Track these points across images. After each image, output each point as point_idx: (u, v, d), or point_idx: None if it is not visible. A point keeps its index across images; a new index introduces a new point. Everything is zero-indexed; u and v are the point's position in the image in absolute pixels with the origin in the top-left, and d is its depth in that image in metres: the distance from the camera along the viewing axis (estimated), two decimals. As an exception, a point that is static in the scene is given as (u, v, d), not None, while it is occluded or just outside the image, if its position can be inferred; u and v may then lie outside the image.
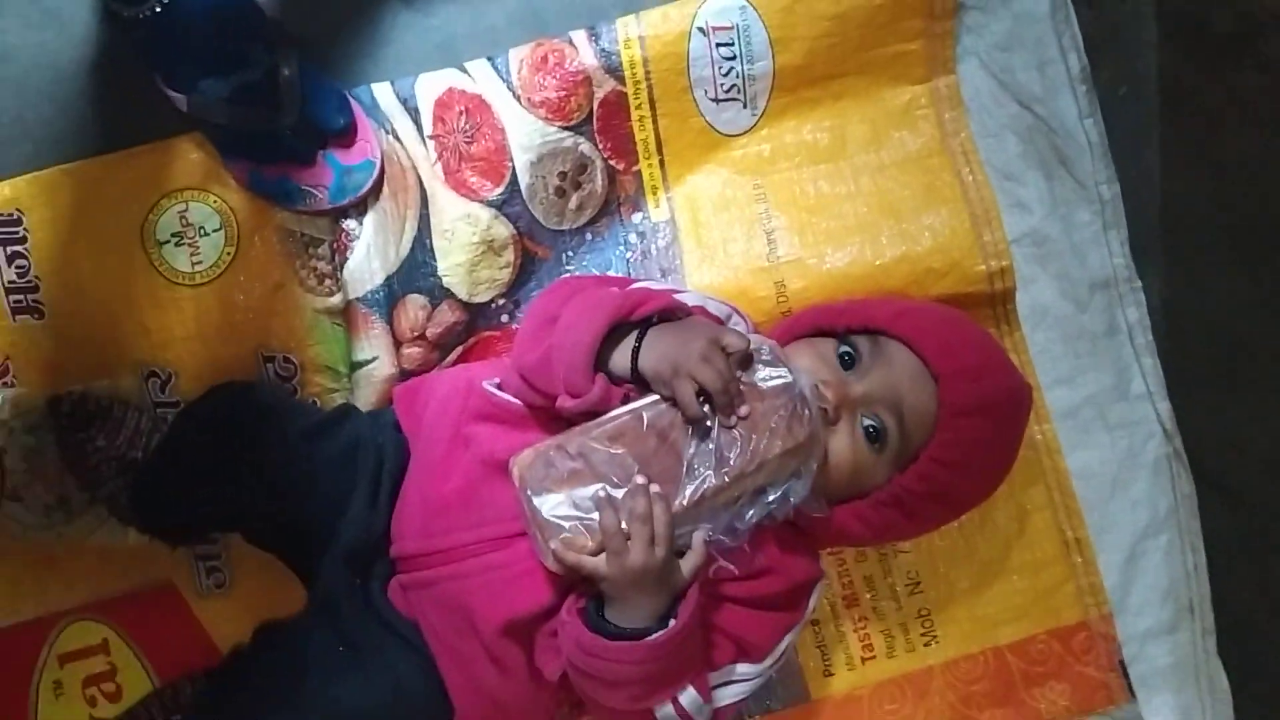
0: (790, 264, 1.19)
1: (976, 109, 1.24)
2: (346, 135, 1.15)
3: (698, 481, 0.87)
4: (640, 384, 0.94)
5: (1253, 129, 1.30)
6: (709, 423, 0.88)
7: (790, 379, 0.92)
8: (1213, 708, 1.23)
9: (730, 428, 0.89)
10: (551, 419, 0.96)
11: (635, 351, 0.92)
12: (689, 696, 0.93)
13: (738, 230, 1.20)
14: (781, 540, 0.99)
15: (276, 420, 1.05)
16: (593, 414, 0.91)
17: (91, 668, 1.15)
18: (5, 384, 1.16)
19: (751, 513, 0.90)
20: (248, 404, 1.07)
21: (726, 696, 0.99)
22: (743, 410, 0.88)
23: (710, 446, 0.88)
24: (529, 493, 0.90)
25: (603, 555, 0.87)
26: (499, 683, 0.98)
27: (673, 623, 0.88)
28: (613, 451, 0.88)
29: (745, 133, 1.21)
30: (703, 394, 0.88)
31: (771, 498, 0.90)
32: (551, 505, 0.88)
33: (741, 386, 0.90)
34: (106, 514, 1.13)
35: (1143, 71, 1.28)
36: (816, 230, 1.19)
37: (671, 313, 0.97)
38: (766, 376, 0.92)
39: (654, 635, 0.88)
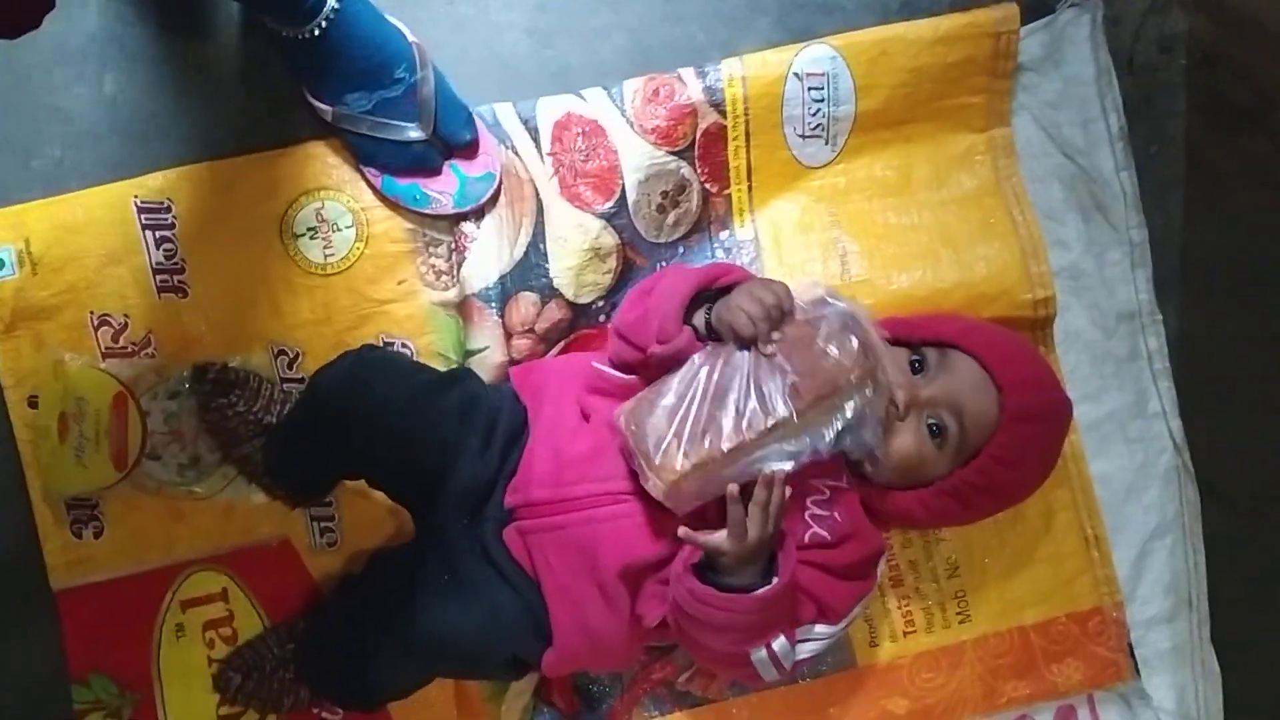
0: (861, 283, 1.16)
1: (1027, 157, 1.22)
2: (471, 148, 1.13)
3: (748, 416, 0.90)
4: (715, 339, 0.97)
5: (1262, 190, 1.26)
6: (752, 352, 0.92)
7: (843, 308, 0.94)
8: (1205, 687, 1.22)
9: (769, 356, 0.92)
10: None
11: (709, 310, 0.98)
12: (780, 643, 0.96)
13: (815, 251, 1.17)
14: (860, 514, 1.03)
15: (399, 375, 1.04)
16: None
17: (211, 613, 1.14)
18: (149, 355, 1.13)
19: (827, 435, 0.92)
20: (373, 361, 1.05)
21: (804, 651, 1.01)
22: (775, 335, 0.92)
23: (766, 380, 0.91)
24: (633, 427, 0.94)
25: (723, 533, 0.91)
26: (603, 621, 1.00)
27: (776, 580, 0.92)
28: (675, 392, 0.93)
29: (824, 165, 1.19)
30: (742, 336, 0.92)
31: (839, 425, 0.92)
32: (653, 430, 0.92)
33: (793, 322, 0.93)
34: (235, 474, 1.14)
35: (1171, 134, 1.25)
36: (885, 255, 1.17)
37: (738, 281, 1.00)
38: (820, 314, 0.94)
39: (760, 590, 0.91)
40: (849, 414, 0.93)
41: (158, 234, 1.13)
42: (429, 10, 1.17)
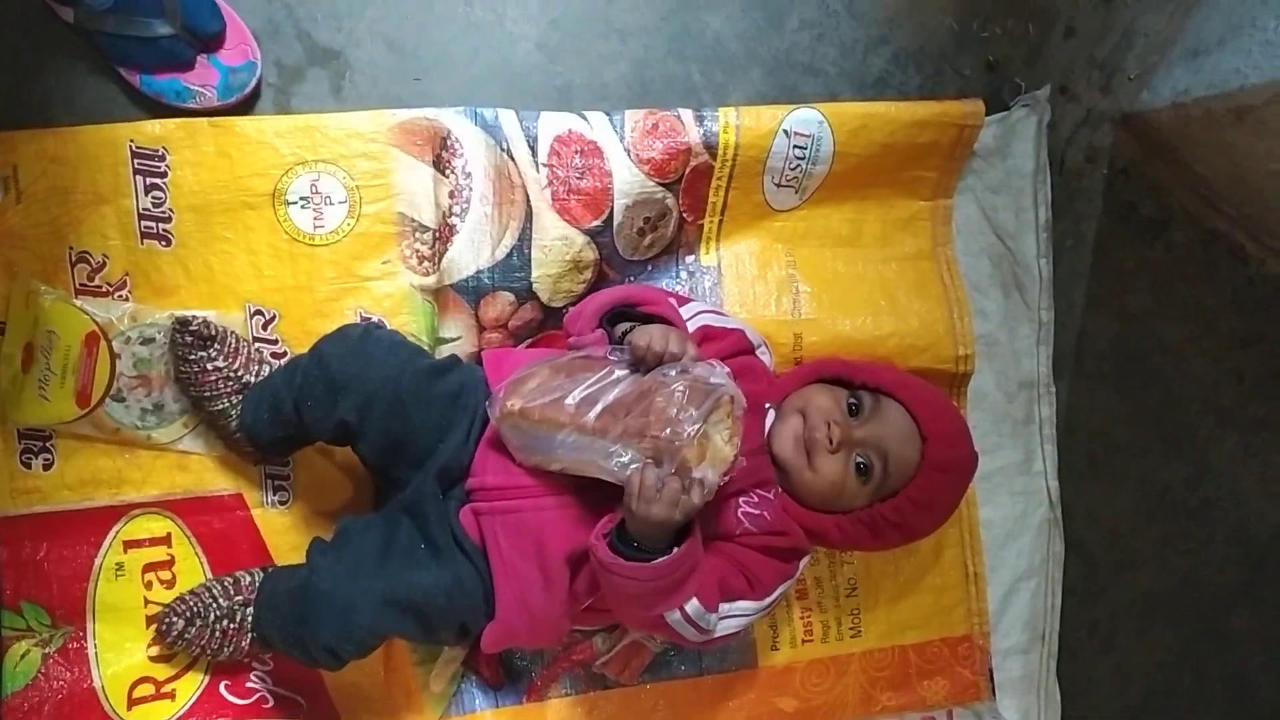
0: (808, 322, 1.22)
1: (965, 233, 1.30)
2: (221, 39, 1.11)
3: (590, 408, 0.95)
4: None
5: (1152, 293, 1.39)
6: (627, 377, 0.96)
7: (723, 393, 0.94)
8: (1047, 712, 1.33)
9: (629, 381, 0.96)
10: None
11: (629, 328, 1.04)
12: (693, 606, 1.00)
13: (771, 286, 1.23)
14: (789, 517, 1.09)
15: (404, 355, 1.05)
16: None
17: (153, 556, 1.12)
18: (123, 298, 1.10)
19: (609, 464, 0.95)
20: (381, 339, 1.06)
21: (727, 626, 1.05)
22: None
23: (608, 395, 0.95)
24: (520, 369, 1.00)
25: (636, 500, 0.93)
26: (541, 599, 1.03)
27: (676, 550, 0.95)
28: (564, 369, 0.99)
29: (789, 210, 1.25)
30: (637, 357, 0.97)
31: (615, 466, 0.94)
32: (522, 374, 0.99)
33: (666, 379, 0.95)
34: (194, 424, 1.13)
35: (1085, 233, 1.36)
36: (832, 299, 1.24)
37: (667, 319, 1.05)
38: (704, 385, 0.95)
39: (657, 560, 0.94)
40: (624, 464, 0.95)
41: (149, 180, 1.11)
42: (447, 7, 1.18)
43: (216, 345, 1.08)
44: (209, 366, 1.07)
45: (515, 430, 0.99)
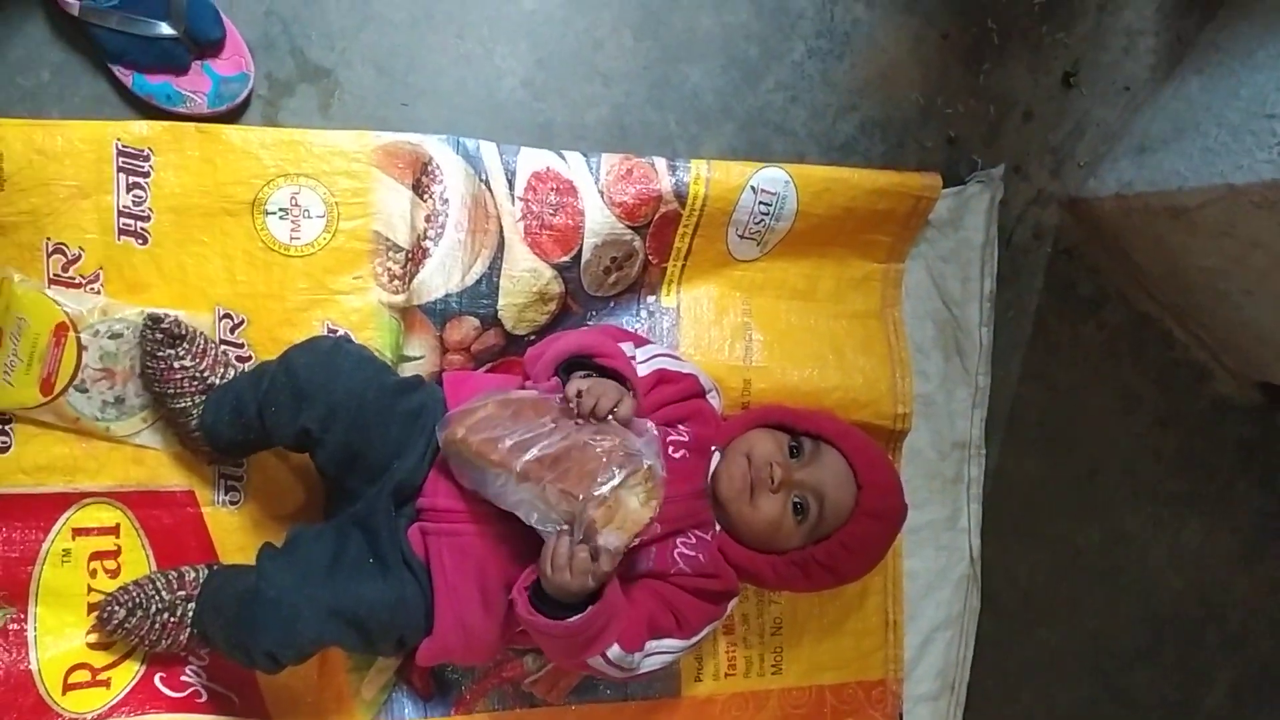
0: (758, 369, 1.28)
1: (913, 297, 1.37)
2: (219, 46, 1.14)
3: (520, 454, 0.98)
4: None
5: (1083, 368, 1.47)
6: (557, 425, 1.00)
7: (649, 462, 0.97)
8: None
9: (567, 432, 0.99)
10: None
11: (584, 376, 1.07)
12: (614, 651, 1.04)
13: (727, 332, 1.29)
14: (723, 560, 1.13)
15: (371, 370, 1.08)
16: None
17: (100, 545, 1.15)
18: (95, 291, 1.13)
19: (529, 514, 0.99)
20: (350, 352, 1.09)
21: (652, 663, 1.09)
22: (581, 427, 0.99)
23: (543, 442, 0.99)
24: (450, 420, 1.03)
25: (545, 561, 0.97)
26: (479, 621, 1.07)
27: (590, 609, 0.99)
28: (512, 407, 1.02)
29: (749, 260, 1.31)
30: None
31: (534, 517, 0.99)
32: (473, 404, 1.03)
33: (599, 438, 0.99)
34: (153, 420, 1.15)
35: (1026, 306, 1.44)
36: (784, 350, 1.30)
37: (620, 373, 1.08)
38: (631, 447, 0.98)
39: (570, 619, 0.99)
40: (541, 521, 1.00)
41: (131, 179, 1.14)
42: (439, 38, 1.23)
43: (185, 344, 1.11)
44: (175, 365, 1.10)
45: (457, 457, 1.04)
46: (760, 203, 1.26)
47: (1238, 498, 1.56)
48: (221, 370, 1.13)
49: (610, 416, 1.02)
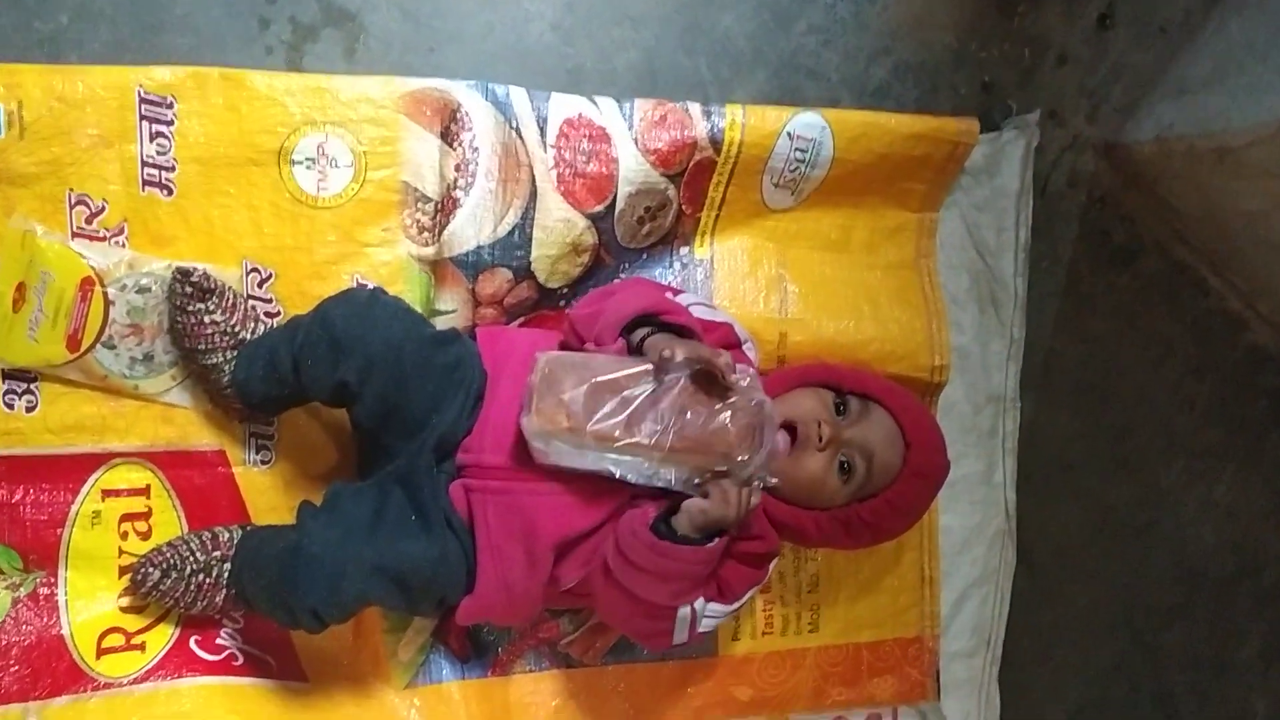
0: (794, 322, 1.26)
1: (948, 247, 1.35)
2: None
3: (625, 421, 0.99)
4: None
5: (1113, 318, 1.46)
6: (661, 387, 0.99)
7: (761, 402, 1.00)
8: (985, 714, 1.40)
9: (682, 394, 0.99)
10: None
11: (648, 334, 1.06)
12: (700, 603, 1.06)
13: (761, 284, 1.27)
14: (766, 520, 1.13)
15: (408, 322, 1.07)
16: None
17: (130, 506, 1.13)
18: (119, 244, 1.10)
19: (666, 478, 1.01)
20: (388, 304, 1.07)
21: (703, 626, 1.09)
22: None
23: (661, 409, 0.99)
24: (546, 370, 1.01)
25: (706, 502, 1.01)
26: (522, 579, 1.06)
27: (717, 540, 1.02)
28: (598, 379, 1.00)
29: (783, 210, 1.29)
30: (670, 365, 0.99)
31: (673, 479, 1.01)
32: (560, 383, 1.00)
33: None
34: (182, 377, 1.14)
35: (1060, 256, 1.42)
36: (818, 302, 1.28)
37: (689, 329, 1.08)
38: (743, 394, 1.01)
39: (711, 543, 1.02)
40: (684, 478, 1.03)
41: (154, 127, 1.11)
42: (466, -18, 1.19)
43: (215, 298, 1.09)
44: (206, 319, 1.08)
45: (548, 442, 1.01)
46: (796, 149, 1.24)
47: (1271, 450, 1.55)
48: (252, 325, 1.12)
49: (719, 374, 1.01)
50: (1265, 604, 1.59)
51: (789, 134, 1.24)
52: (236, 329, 1.10)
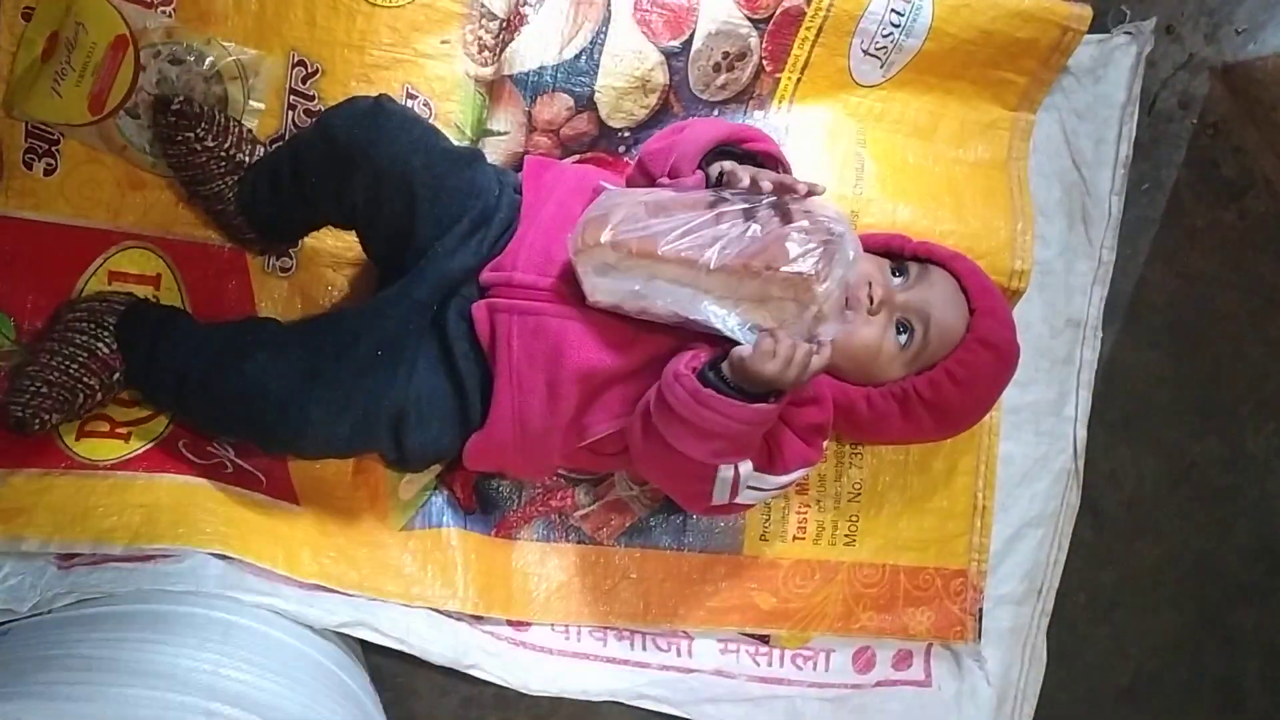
0: (868, 201, 1.19)
1: (1040, 151, 1.28)
2: None
3: (675, 238, 0.92)
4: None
5: (1217, 255, 1.37)
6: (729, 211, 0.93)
7: (838, 227, 0.92)
8: (1030, 670, 1.30)
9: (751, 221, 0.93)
10: None
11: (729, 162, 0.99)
12: (746, 467, 0.98)
13: (837, 159, 1.20)
14: (821, 382, 1.05)
15: (417, 133, 0.99)
16: None
17: (136, 293, 1.07)
18: (165, 13, 1.06)
19: (721, 317, 0.94)
20: (394, 112, 1.00)
21: (747, 497, 1.03)
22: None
23: (722, 231, 0.92)
24: (603, 198, 0.96)
25: (774, 356, 0.91)
26: (541, 418, 1.01)
27: (772, 400, 0.94)
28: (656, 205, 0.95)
29: (870, 87, 1.22)
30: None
31: (731, 318, 0.94)
32: (613, 205, 0.95)
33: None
34: None
35: (1163, 181, 1.34)
36: (896, 185, 1.21)
37: (773, 157, 1.04)
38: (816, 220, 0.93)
39: (765, 403, 0.93)
40: (738, 321, 0.95)
41: (221, -106, 1.04)
42: None
43: (204, 124, 1.04)
44: (198, 146, 1.04)
45: (599, 266, 0.95)
46: (893, 10, 1.17)
47: (1373, 427, 1.43)
48: (250, 148, 1.07)
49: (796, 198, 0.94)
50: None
51: (886, -7, 1.15)
52: (232, 152, 1.05)
